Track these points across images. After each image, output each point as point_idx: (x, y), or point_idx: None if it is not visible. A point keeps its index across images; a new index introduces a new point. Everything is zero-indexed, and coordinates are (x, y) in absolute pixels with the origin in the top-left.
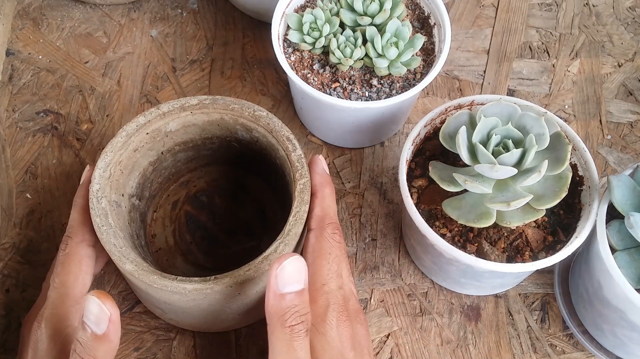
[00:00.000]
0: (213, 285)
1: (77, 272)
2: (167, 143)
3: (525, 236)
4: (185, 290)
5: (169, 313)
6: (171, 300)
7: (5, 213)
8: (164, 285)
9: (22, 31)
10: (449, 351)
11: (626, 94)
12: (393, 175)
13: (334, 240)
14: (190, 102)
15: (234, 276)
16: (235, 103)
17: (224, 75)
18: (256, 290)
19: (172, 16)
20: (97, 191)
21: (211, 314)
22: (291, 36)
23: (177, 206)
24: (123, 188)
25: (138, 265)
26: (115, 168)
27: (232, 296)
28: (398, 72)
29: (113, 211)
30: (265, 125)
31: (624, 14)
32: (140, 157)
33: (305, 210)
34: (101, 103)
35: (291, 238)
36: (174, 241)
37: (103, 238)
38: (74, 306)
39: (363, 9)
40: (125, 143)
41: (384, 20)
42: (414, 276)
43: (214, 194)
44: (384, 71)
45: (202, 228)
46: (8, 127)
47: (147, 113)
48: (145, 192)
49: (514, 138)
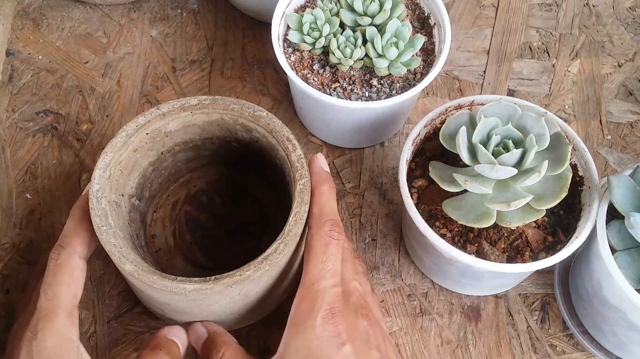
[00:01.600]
0: (213, 285)
1: (70, 284)
2: (167, 144)
3: (526, 237)
4: (185, 290)
5: (169, 313)
6: (171, 300)
7: (5, 214)
8: (164, 285)
9: (22, 31)
10: (449, 352)
11: (626, 94)
12: (393, 175)
13: (331, 237)
14: (190, 102)
15: (234, 277)
16: (235, 103)
17: (224, 75)
18: (257, 290)
19: (172, 16)
20: (97, 192)
21: (211, 315)
22: (291, 36)
23: (177, 207)
24: (123, 189)
25: (138, 265)
26: (115, 168)
27: (232, 296)
28: (398, 72)
29: (113, 211)
30: (265, 126)
31: (624, 14)
32: (140, 157)
33: (305, 210)
34: (101, 103)
35: (291, 238)
36: (174, 241)
37: (103, 238)
38: (67, 319)
39: (363, 9)
40: (125, 144)
41: (384, 20)
42: (414, 277)
43: (214, 194)
44: (384, 71)
45: (202, 228)
46: (8, 127)
47: (147, 114)
48: (145, 192)
49: (514, 139)
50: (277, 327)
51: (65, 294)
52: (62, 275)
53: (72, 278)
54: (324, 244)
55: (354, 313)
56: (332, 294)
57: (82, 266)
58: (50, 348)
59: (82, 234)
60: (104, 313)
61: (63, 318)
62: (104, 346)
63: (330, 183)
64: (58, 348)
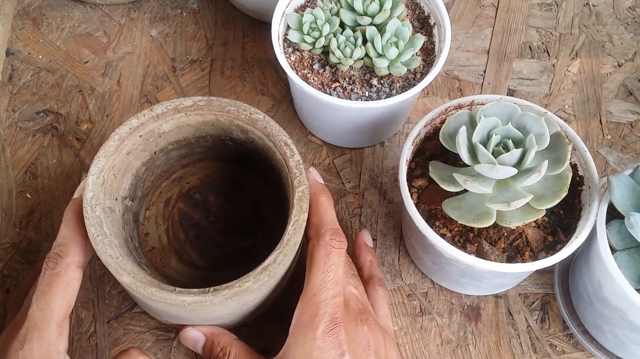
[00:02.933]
0: (212, 297)
1: (64, 295)
2: (160, 143)
3: (525, 236)
4: (184, 302)
5: (167, 318)
6: (170, 310)
7: (5, 213)
8: (162, 298)
9: (22, 31)
10: (449, 351)
11: (626, 94)
12: (393, 175)
13: (332, 246)
14: (185, 103)
15: (234, 288)
16: (231, 105)
17: (224, 75)
18: (255, 298)
19: (172, 16)
20: (91, 199)
21: (209, 322)
22: (291, 36)
23: (170, 204)
24: (116, 192)
25: (135, 277)
26: (109, 173)
27: (231, 306)
28: (398, 71)
29: (107, 217)
30: (262, 129)
31: (624, 14)
32: (133, 159)
33: (304, 218)
34: (101, 103)
35: (290, 247)
36: (167, 239)
37: (99, 249)
38: (57, 330)
39: (363, 9)
40: (119, 147)
41: (384, 20)
42: (414, 276)
43: (207, 191)
44: (384, 71)
45: (196, 226)
46: (8, 127)
47: (140, 116)
48: (137, 192)
49: (514, 138)
50: (276, 326)
51: (59, 305)
52: (58, 286)
53: (68, 289)
54: (325, 254)
55: (354, 319)
56: (334, 304)
57: (79, 276)
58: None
59: (79, 242)
60: (104, 313)
61: (53, 329)
62: (104, 345)
63: (327, 193)
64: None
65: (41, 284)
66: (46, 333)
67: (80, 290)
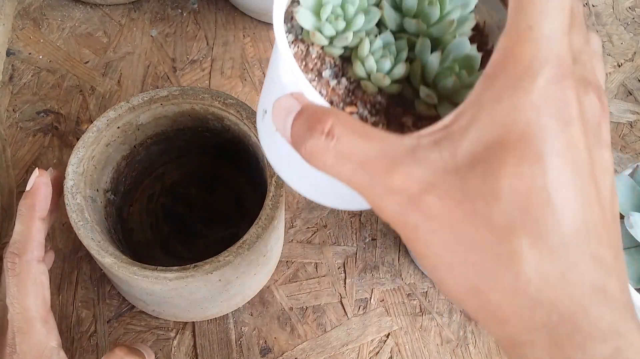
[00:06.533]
0: (193, 272)
1: (37, 292)
2: (139, 137)
3: None
4: (166, 279)
5: (152, 304)
6: (153, 291)
7: (5, 213)
8: (144, 276)
9: (23, 31)
10: (448, 351)
11: (626, 94)
12: None
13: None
14: (160, 93)
15: (214, 263)
16: (206, 92)
17: (224, 75)
18: (237, 276)
19: (172, 16)
20: (72, 187)
21: (194, 303)
22: (300, 17)
23: (153, 199)
24: (97, 184)
25: (117, 258)
26: (89, 163)
27: (213, 283)
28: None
29: (89, 206)
30: (236, 113)
31: (624, 14)
32: (113, 152)
33: (280, 193)
34: (101, 103)
35: (268, 221)
36: (151, 234)
37: (80, 233)
38: (43, 327)
39: (416, 11)
40: (97, 138)
41: (443, 33)
42: (414, 276)
43: (189, 185)
44: (428, 109)
45: (180, 219)
46: (9, 126)
47: (117, 107)
48: (120, 187)
49: None
50: (277, 326)
51: (34, 304)
52: (25, 286)
53: (36, 285)
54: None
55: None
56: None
57: (43, 269)
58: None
59: (35, 235)
60: (104, 313)
61: (38, 328)
62: (104, 345)
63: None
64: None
65: (9, 288)
66: (33, 334)
67: (81, 290)
